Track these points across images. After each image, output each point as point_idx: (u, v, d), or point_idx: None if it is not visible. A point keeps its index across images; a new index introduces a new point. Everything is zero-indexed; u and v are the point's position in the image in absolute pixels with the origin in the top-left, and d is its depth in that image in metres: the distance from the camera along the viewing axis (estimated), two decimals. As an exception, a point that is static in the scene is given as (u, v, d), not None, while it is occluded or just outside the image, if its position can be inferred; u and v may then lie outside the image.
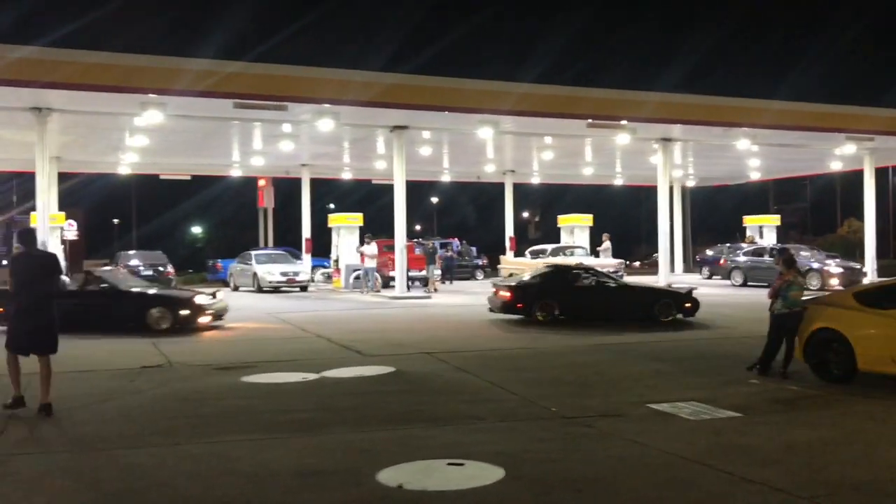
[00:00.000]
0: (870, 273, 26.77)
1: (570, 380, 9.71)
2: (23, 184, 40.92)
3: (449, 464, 5.99)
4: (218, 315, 15.54)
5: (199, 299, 15.08)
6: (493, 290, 16.92)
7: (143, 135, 22.49)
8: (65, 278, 14.70)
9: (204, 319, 14.79)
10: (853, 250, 36.91)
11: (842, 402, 8.37)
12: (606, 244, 29.74)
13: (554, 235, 36.00)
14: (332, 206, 53.97)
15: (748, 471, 5.82)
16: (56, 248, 23.68)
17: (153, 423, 7.49)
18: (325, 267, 30.14)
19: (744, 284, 26.78)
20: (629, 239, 50.05)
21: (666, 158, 25.34)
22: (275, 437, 6.93)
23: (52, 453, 6.45)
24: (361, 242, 25.21)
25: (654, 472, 5.83)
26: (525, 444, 6.61)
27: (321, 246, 31.59)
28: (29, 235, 8.59)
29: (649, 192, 28.74)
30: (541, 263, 27.31)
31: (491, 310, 16.69)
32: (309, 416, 7.73)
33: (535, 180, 37.48)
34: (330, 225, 29.53)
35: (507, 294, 16.09)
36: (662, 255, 25.64)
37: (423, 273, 26.94)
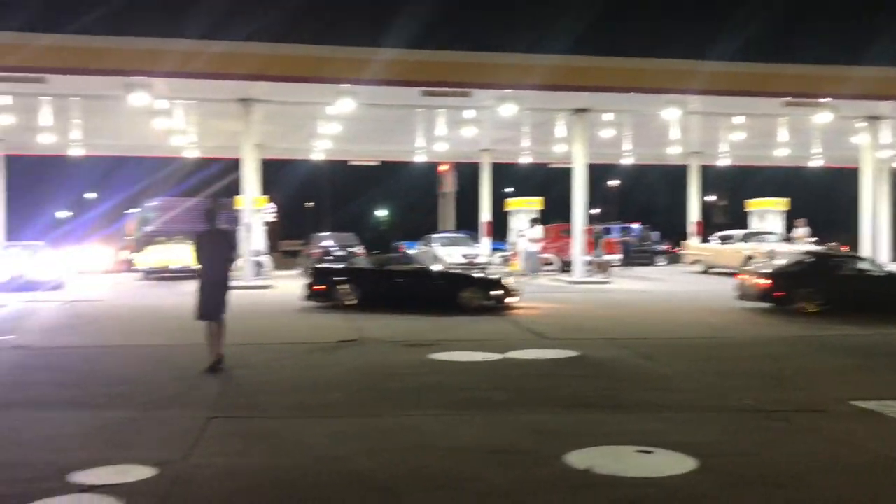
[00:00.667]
0: None
1: (765, 372, 9.22)
2: (228, 170, 44.44)
3: (637, 451, 5.91)
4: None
5: (508, 281, 15.53)
6: (743, 277, 16.10)
7: (335, 122, 23.72)
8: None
9: (511, 300, 15.05)
10: None
11: None
12: (802, 230, 27.76)
13: (741, 220, 34.12)
14: (509, 189, 54.34)
15: (976, 480, 5.28)
16: (259, 229, 25.59)
17: (350, 395, 7.95)
18: (503, 250, 30.42)
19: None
20: (826, 225, 46.45)
21: (872, 138, 23.22)
22: (463, 414, 7.14)
23: (266, 419, 7.02)
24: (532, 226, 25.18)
25: (860, 473, 5.44)
26: (717, 436, 6.38)
27: (499, 230, 31.92)
28: (212, 213, 9.64)
29: (851, 175, 26.45)
30: (727, 249, 26.03)
31: (740, 298, 15.89)
32: (495, 396, 7.87)
33: (723, 162, 35.63)
34: (507, 209, 29.79)
35: (764, 281, 15.16)
36: (865, 243, 23.58)
37: (607, 258, 26.52)
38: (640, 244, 34.89)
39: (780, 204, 30.92)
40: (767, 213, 30.72)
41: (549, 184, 51.59)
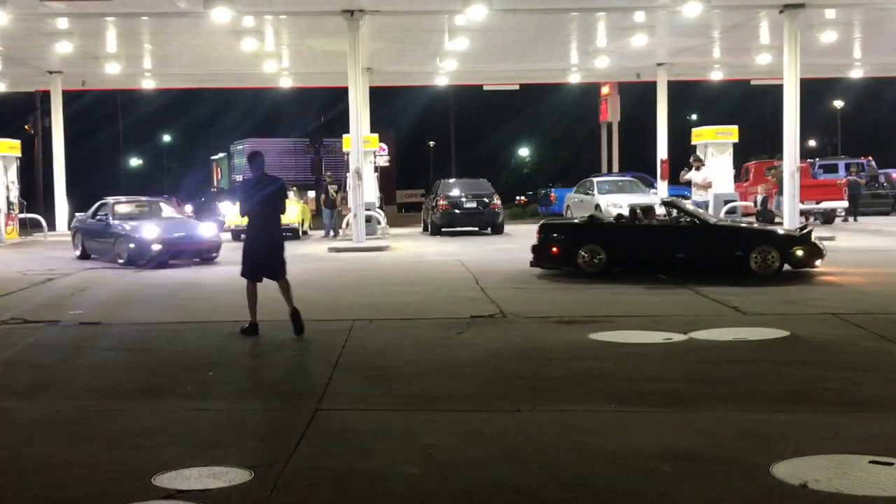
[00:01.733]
0: None
1: None
2: (328, 104, 45.50)
3: (872, 462, 5.69)
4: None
5: (815, 236, 15.53)
6: None
7: (464, 36, 23.81)
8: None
9: (819, 262, 15.18)
10: None
11: None
12: None
13: None
14: (694, 117, 52.86)
15: None
16: (370, 177, 26.20)
17: (488, 384, 8.07)
18: (685, 197, 29.74)
19: None
20: None
21: None
22: (635, 410, 7.10)
23: (384, 412, 7.24)
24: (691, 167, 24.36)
25: None
26: None
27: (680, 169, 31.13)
28: (258, 159, 10.54)
29: None
30: None
31: None
32: (676, 387, 7.79)
33: None
34: (693, 142, 28.96)
35: None
36: None
37: (828, 205, 25.46)
38: (875, 186, 33.20)
39: None
40: None
41: (748, 107, 49.87)
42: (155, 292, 14.87)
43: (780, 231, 15.85)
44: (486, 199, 27.46)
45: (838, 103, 56.92)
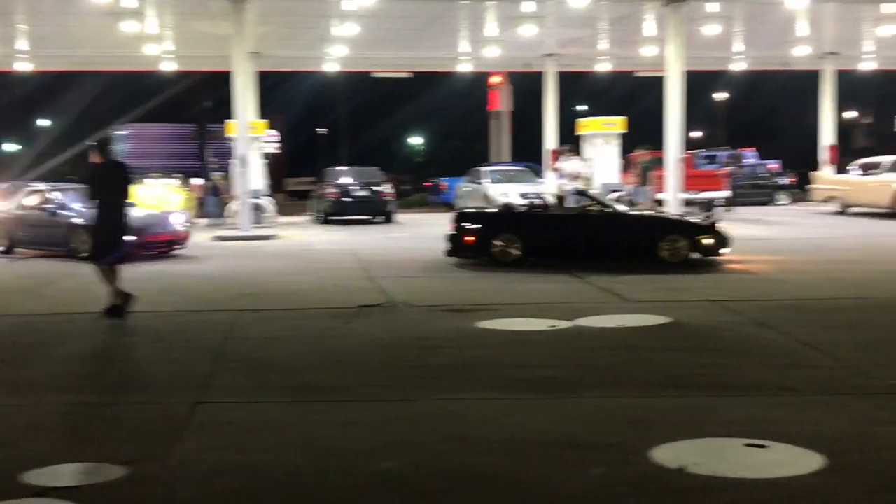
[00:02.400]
0: None
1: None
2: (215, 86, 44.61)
3: (747, 445, 5.89)
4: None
5: (721, 226, 15.83)
6: None
7: (354, 22, 23.64)
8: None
9: (726, 250, 15.44)
10: None
11: None
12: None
13: (890, 143, 33.33)
14: (582, 107, 53.76)
15: None
16: (257, 163, 25.81)
17: (376, 374, 8.06)
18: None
19: None
20: None
21: None
22: (521, 397, 7.18)
23: (268, 404, 7.15)
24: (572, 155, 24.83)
25: None
26: (853, 427, 6.33)
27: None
28: (104, 143, 11.02)
29: None
30: (871, 182, 25.48)
31: None
32: (562, 374, 7.92)
33: (867, 66, 34.70)
34: (580, 132, 29.48)
35: None
36: None
37: (708, 195, 26.24)
38: (755, 176, 34.38)
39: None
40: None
41: (635, 99, 50.91)
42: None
43: (690, 220, 16.27)
44: (377, 188, 27.39)
45: (721, 95, 58.70)
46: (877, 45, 30.00)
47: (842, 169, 30.77)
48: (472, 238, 15.62)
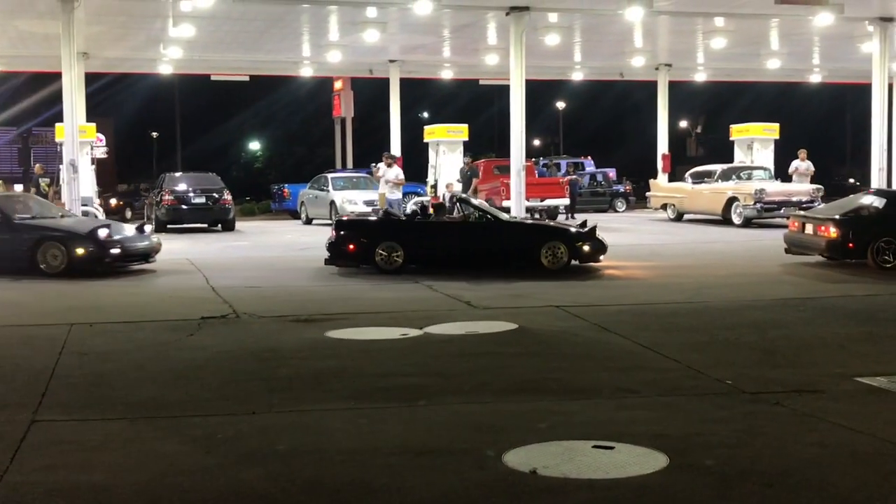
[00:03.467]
0: None
1: (751, 343, 9.67)
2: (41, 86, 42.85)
3: (595, 447, 6.14)
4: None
5: (600, 234, 16.29)
6: (792, 223, 17.00)
7: (189, 23, 23.16)
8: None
9: (600, 256, 15.95)
10: None
11: None
12: (802, 163, 28.75)
13: (723, 152, 35.15)
14: (425, 114, 54.35)
15: None
16: (87, 169, 24.92)
17: (222, 387, 7.96)
18: (419, 194, 30.54)
19: None
20: (828, 157, 48.30)
21: (884, 46, 24.18)
22: (373, 406, 7.25)
23: (109, 421, 6.96)
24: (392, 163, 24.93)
25: (867, 466, 5.81)
26: (693, 426, 6.69)
27: (415, 167, 31.98)
28: None
29: (860, 93, 27.58)
30: (705, 190, 26.84)
31: (788, 251, 16.83)
32: (414, 382, 8.04)
33: (700, 77, 36.50)
34: (426, 139, 29.84)
35: (832, 230, 15.71)
36: (876, 178, 24.71)
37: (551, 202, 26.98)
38: (595, 184, 35.59)
39: (772, 130, 31.92)
40: (756, 142, 31.69)
41: (479, 106, 51.90)
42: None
43: (569, 228, 16.77)
44: (216, 195, 26.90)
45: (562, 104, 60.48)
46: (707, 58, 31.59)
47: (676, 177, 32.27)
48: (354, 246, 15.72)
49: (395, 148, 31.54)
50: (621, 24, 23.29)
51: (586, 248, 15.77)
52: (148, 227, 17.83)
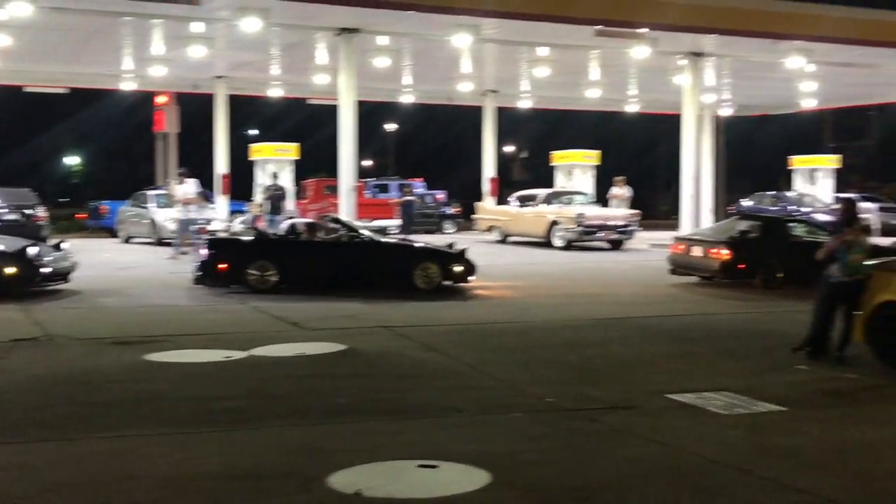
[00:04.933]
0: None
1: (571, 363, 10.01)
2: None
3: (419, 466, 6.21)
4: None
5: (469, 254, 16.39)
6: (681, 245, 17.86)
7: (4, 33, 22.07)
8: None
9: (470, 277, 16.05)
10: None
11: (911, 393, 8.78)
12: (621, 189, 29.99)
13: (547, 177, 36.21)
14: (254, 132, 53.67)
15: (794, 477, 6.13)
16: None
17: (33, 413, 7.60)
18: (241, 212, 30.06)
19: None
20: (645, 183, 50.60)
21: (694, 79, 25.58)
22: (195, 431, 7.11)
23: None
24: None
25: (678, 478, 6.11)
26: (515, 443, 6.86)
27: (242, 186, 31.43)
28: None
29: (674, 122, 29.06)
30: (528, 213, 27.57)
31: (673, 271, 17.71)
32: (238, 406, 7.91)
33: (525, 104, 37.54)
34: (252, 157, 29.40)
35: (724, 252, 16.63)
36: (687, 205, 26.04)
37: (383, 223, 27.10)
38: (424, 206, 35.93)
39: (591, 157, 33.14)
40: (576, 168, 32.84)
41: (309, 126, 51.57)
42: None
43: (441, 249, 16.92)
44: (29, 211, 25.65)
45: (392, 126, 60.97)
46: (532, 85, 32.51)
47: (502, 200, 33.01)
48: (226, 265, 15.39)
49: (222, 165, 30.95)
50: (449, 49, 23.69)
51: (458, 268, 15.95)
52: (65, 245, 16.73)
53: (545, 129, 53.92)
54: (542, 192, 28.69)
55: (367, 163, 62.86)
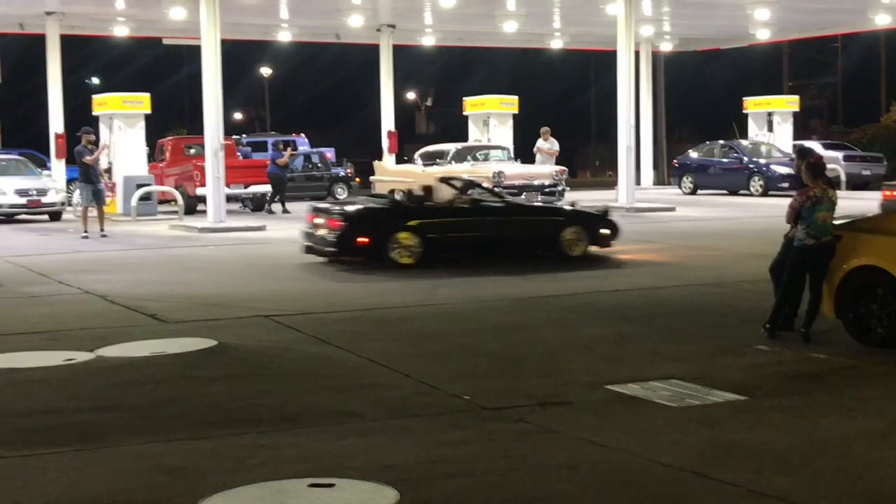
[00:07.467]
0: None
1: (491, 351, 10.02)
2: None
3: (311, 485, 6.13)
4: None
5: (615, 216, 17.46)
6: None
7: None
8: None
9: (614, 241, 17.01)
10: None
11: (891, 375, 8.97)
12: (546, 143, 30.14)
13: (457, 130, 36.24)
14: (95, 80, 52.54)
15: (759, 481, 6.21)
16: None
17: None
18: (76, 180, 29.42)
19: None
20: (573, 134, 51.08)
21: (629, 8, 25.79)
22: (28, 454, 6.92)
23: None
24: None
25: (623, 488, 6.14)
26: (427, 452, 6.82)
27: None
28: None
29: (605, 61, 29.31)
30: (434, 174, 27.53)
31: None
32: (83, 420, 7.73)
33: (428, 41, 37.46)
34: (95, 112, 28.70)
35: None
36: (624, 159, 26.33)
37: (257, 189, 26.76)
38: (310, 167, 35.62)
39: (510, 104, 33.21)
40: (492, 116, 32.87)
41: (163, 72, 50.71)
42: None
43: (586, 210, 17.75)
44: None
45: (267, 70, 60.20)
46: (436, 18, 32.43)
47: (403, 158, 32.94)
48: (366, 238, 15.84)
49: (56, 124, 30.14)
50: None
51: (605, 232, 16.66)
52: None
53: (453, 72, 53.95)
54: (451, 148, 28.68)
55: (238, 115, 62.14)
